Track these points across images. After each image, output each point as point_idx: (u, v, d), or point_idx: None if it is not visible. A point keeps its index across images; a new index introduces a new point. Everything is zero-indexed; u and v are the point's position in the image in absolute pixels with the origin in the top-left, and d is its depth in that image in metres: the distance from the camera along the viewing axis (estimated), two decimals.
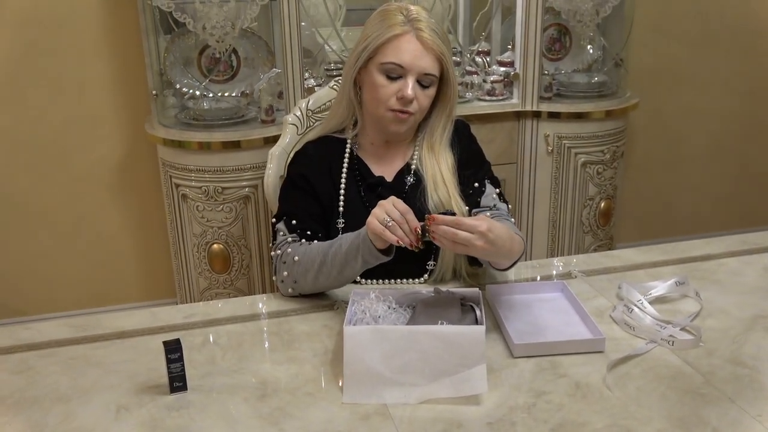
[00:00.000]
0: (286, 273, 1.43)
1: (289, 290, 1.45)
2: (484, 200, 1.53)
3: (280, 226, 1.50)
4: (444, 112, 1.53)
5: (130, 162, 2.75)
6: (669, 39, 3.18)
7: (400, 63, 1.43)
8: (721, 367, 1.20)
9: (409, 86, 1.43)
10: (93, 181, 2.74)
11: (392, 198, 1.30)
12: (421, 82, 1.45)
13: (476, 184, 1.54)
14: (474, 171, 1.56)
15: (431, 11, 2.01)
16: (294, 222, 1.48)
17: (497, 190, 1.56)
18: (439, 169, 1.52)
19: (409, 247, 1.28)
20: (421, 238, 1.27)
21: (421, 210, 1.49)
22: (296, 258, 1.42)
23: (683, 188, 3.44)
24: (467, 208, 1.50)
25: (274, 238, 1.51)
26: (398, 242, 1.27)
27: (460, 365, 1.12)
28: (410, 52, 1.42)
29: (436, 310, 1.26)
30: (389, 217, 1.26)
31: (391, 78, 1.44)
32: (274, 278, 1.48)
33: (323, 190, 1.53)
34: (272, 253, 1.49)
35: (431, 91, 1.47)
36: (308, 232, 1.47)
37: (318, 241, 1.47)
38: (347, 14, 2.75)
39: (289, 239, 1.47)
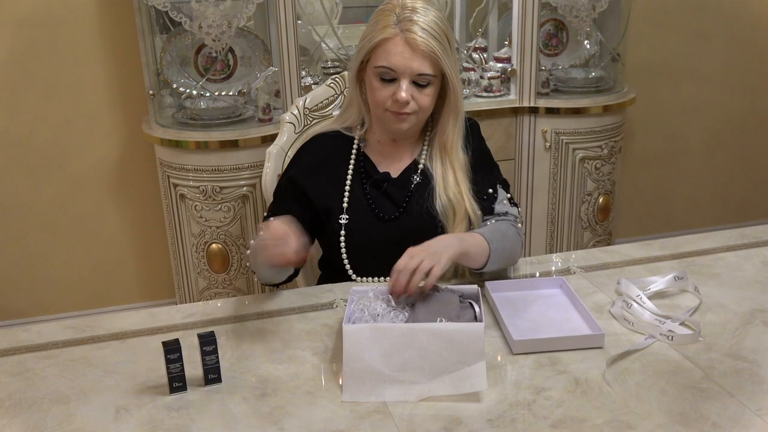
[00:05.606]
0: (248, 264, 1.48)
1: (256, 279, 1.51)
2: (498, 207, 1.54)
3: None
4: (450, 110, 1.51)
5: (128, 162, 2.75)
6: (666, 33, 3.18)
7: (391, 67, 1.42)
8: (721, 362, 1.20)
9: (403, 89, 1.42)
10: (91, 182, 2.74)
11: (263, 225, 1.29)
12: (417, 82, 1.44)
13: (490, 190, 1.55)
14: (486, 174, 1.56)
15: None
16: (272, 219, 1.49)
17: (508, 195, 1.57)
18: (451, 168, 1.52)
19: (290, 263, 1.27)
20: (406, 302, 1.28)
21: (428, 210, 1.49)
22: (248, 251, 1.44)
23: (681, 183, 3.44)
24: (480, 212, 1.51)
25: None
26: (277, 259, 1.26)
27: (459, 362, 1.12)
28: (399, 55, 1.41)
29: (435, 307, 1.26)
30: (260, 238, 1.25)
31: (386, 81, 1.44)
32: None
33: (319, 188, 1.53)
34: None
35: (430, 90, 1.46)
36: None
37: None
38: (344, 12, 2.75)
39: (261, 233, 1.49)
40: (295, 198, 1.53)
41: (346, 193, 1.53)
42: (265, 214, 1.55)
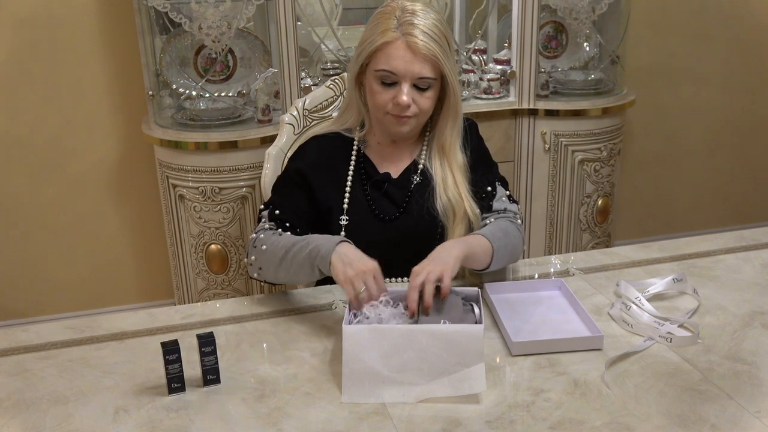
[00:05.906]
0: (253, 257, 1.46)
1: (255, 275, 1.48)
2: (496, 204, 1.55)
3: (264, 213, 1.53)
4: (449, 112, 1.52)
5: (127, 163, 2.75)
6: (665, 35, 3.18)
7: (392, 70, 1.42)
8: (719, 364, 1.21)
9: (404, 92, 1.42)
10: (90, 183, 2.74)
11: (375, 269, 1.28)
12: (418, 86, 1.44)
13: (489, 188, 1.55)
14: (484, 173, 1.57)
15: None
16: (277, 212, 1.50)
17: (507, 192, 1.57)
18: (450, 170, 1.52)
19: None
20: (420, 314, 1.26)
21: (429, 210, 1.50)
22: (264, 246, 1.44)
23: (681, 185, 3.44)
24: (478, 211, 1.51)
25: (258, 222, 1.54)
26: (356, 302, 1.26)
27: (458, 364, 1.12)
28: (401, 59, 1.41)
29: (438, 309, 1.25)
30: (364, 285, 1.25)
31: (386, 84, 1.44)
32: (245, 260, 1.51)
33: (322, 187, 1.53)
34: (251, 235, 1.51)
35: (430, 93, 1.46)
36: (287, 224, 1.50)
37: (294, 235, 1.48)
38: (343, 13, 2.75)
39: (266, 226, 1.50)
40: (302, 189, 1.53)
41: (347, 195, 1.53)
42: (262, 206, 1.54)
